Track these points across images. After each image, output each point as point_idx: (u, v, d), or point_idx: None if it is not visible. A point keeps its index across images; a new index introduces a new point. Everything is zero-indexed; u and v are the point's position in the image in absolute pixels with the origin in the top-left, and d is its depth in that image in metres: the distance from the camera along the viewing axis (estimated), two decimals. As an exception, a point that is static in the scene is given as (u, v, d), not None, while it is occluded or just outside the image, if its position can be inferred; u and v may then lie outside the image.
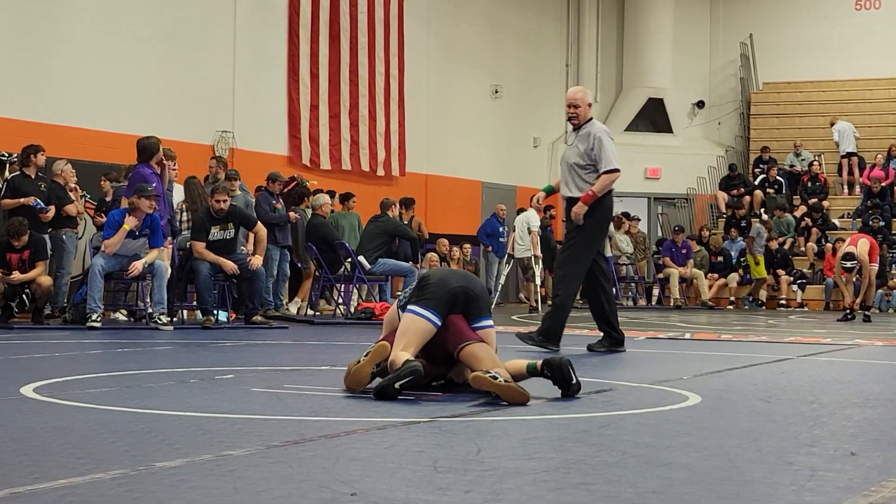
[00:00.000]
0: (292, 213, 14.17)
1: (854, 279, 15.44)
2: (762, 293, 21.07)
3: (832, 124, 24.10)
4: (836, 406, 5.18)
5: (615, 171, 8.39)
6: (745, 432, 4.24)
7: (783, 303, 20.94)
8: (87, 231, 13.47)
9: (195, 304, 11.84)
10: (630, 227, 21.41)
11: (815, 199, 23.07)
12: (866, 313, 15.27)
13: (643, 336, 10.75)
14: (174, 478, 3.11)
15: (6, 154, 12.51)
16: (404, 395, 4.99)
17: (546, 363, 5.17)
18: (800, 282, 21.12)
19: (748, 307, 20.78)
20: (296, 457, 3.52)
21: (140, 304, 11.78)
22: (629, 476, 3.26)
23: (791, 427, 4.43)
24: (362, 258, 13.48)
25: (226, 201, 11.52)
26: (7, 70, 13.60)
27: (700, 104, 26.01)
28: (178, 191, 12.92)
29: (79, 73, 14.40)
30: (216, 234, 11.51)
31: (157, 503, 2.80)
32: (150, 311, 11.10)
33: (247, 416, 4.45)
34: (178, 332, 10.58)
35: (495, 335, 5.53)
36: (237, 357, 7.94)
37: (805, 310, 20.23)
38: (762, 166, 24.37)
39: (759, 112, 25.95)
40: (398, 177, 19.74)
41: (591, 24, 25.59)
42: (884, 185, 22.74)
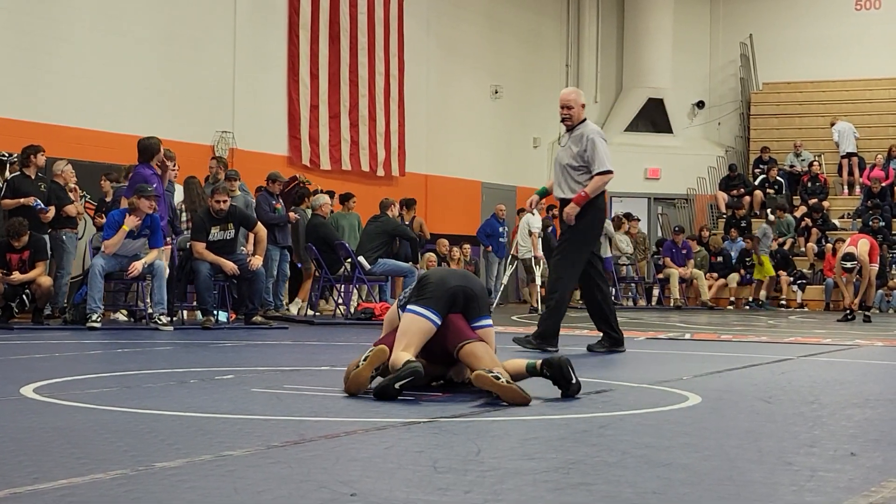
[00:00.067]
0: (292, 214, 14.18)
1: (854, 279, 15.44)
2: (762, 293, 21.06)
3: (832, 124, 24.08)
4: (836, 406, 5.17)
5: (608, 173, 8.38)
6: (745, 433, 4.24)
7: (783, 303, 20.94)
8: (87, 231, 13.47)
9: (195, 304, 11.85)
10: (630, 228, 21.41)
11: (815, 200, 23.06)
12: (866, 314, 15.27)
13: (643, 336, 10.75)
14: (174, 478, 3.11)
15: (6, 154, 12.51)
16: (404, 396, 4.99)
17: (546, 363, 5.17)
18: (800, 282, 21.12)
19: (761, 307, 20.69)
20: (296, 457, 3.52)
21: (140, 305, 11.78)
22: (629, 476, 3.26)
23: (791, 427, 4.43)
24: (362, 258, 13.47)
25: (226, 202, 11.52)
26: (7, 70, 13.59)
27: (700, 104, 26.00)
28: (179, 191, 12.93)
29: (79, 73, 14.39)
30: (216, 234, 11.51)
31: (157, 503, 2.80)
32: (150, 311, 11.10)
33: (247, 417, 4.45)
34: (178, 332, 10.58)
35: (494, 334, 5.54)
36: (237, 357, 7.94)
37: (805, 310, 20.22)
38: (762, 166, 24.36)
39: (759, 112, 25.95)
40: (398, 177, 19.73)
41: (591, 25, 25.59)
42: (884, 185, 22.73)
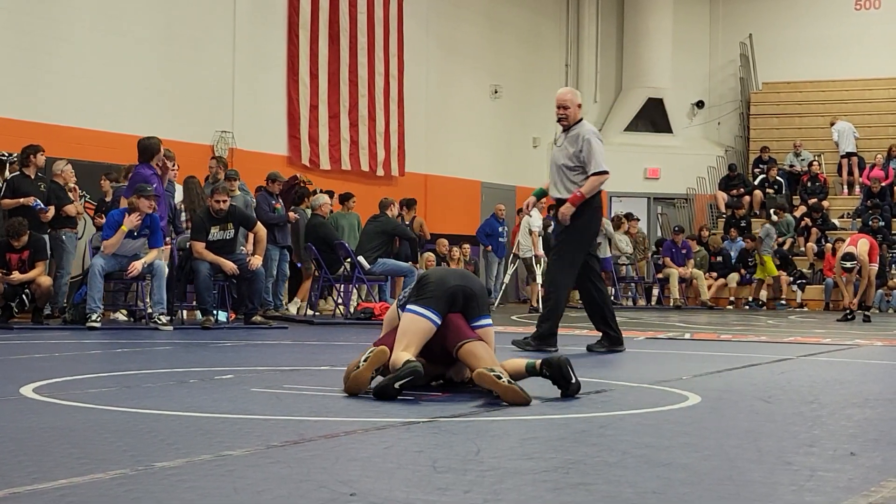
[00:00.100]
0: (292, 214, 14.18)
1: (854, 279, 15.44)
2: (762, 293, 21.07)
3: (832, 124, 24.08)
4: (835, 406, 5.18)
5: (604, 174, 8.38)
6: (745, 432, 4.24)
7: (783, 303, 20.94)
8: (87, 231, 13.47)
9: (195, 304, 11.85)
10: (630, 228, 21.41)
11: (815, 200, 23.06)
12: (866, 313, 15.27)
13: (643, 336, 10.74)
14: (174, 478, 3.11)
15: (6, 154, 12.51)
16: (404, 395, 4.99)
17: (545, 362, 5.17)
18: (799, 282, 21.12)
19: (761, 307, 20.65)
20: (295, 457, 3.51)
21: (140, 305, 11.78)
22: (629, 476, 3.26)
23: (791, 427, 4.43)
24: (361, 258, 13.47)
25: (225, 201, 11.51)
26: (7, 70, 13.59)
27: (700, 104, 26.00)
28: (179, 191, 12.93)
29: (79, 73, 14.39)
30: (216, 234, 11.51)
31: (157, 503, 2.80)
32: (149, 311, 11.10)
33: (246, 417, 4.45)
34: (178, 332, 10.58)
35: (494, 334, 5.54)
36: (237, 357, 7.94)
37: (805, 310, 20.23)
38: (762, 166, 24.36)
39: (759, 112, 25.95)
40: (397, 177, 19.73)
41: (590, 24, 25.59)
42: (883, 185, 22.74)
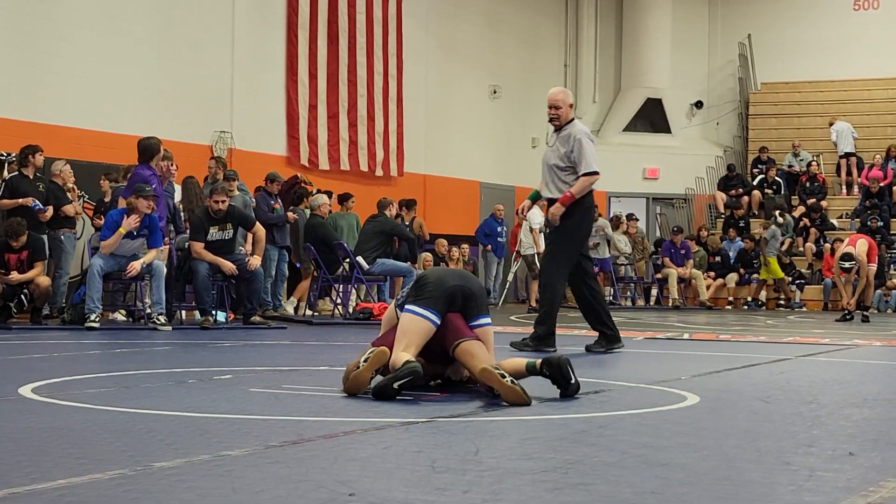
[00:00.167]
0: (290, 214, 14.17)
1: (853, 279, 15.44)
2: (762, 293, 21.07)
3: (831, 124, 24.09)
4: (834, 406, 5.18)
5: (594, 174, 8.37)
6: (744, 432, 4.24)
7: (781, 303, 20.95)
8: (86, 231, 13.46)
9: (194, 304, 11.84)
10: (629, 228, 21.41)
11: (814, 200, 23.08)
12: (864, 314, 15.28)
13: (641, 336, 10.74)
14: (172, 478, 3.11)
15: (4, 154, 12.51)
16: (403, 395, 4.99)
17: (545, 362, 5.17)
18: (798, 282, 21.12)
19: (760, 307, 20.66)
20: (294, 457, 3.51)
21: (138, 305, 11.78)
22: (628, 476, 3.26)
23: (789, 427, 4.43)
24: (360, 258, 13.47)
25: (224, 202, 11.51)
26: (6, 70, 13.59)
27: (698, 104, 26.01)
28: (178, 191, 12.93)
29: (78, 73, 14.39)
30: (215, 234, 11.50)
31: (156, 503, 2.80)
32: (148, 311, 11.09)
33: (245, 417, 4.44)
34: (177, 332, 10.57)
35: (493, 334, 5.54)
36: (235, 357, 7.94)
37: (804, 310, 20.23)
38: (760, 166, 24.37)
39: (758, 112, 25.95)
40: (396, 177, 19.73)
41: (589, 25, 25.59)
42: (882, 185, 22.75)
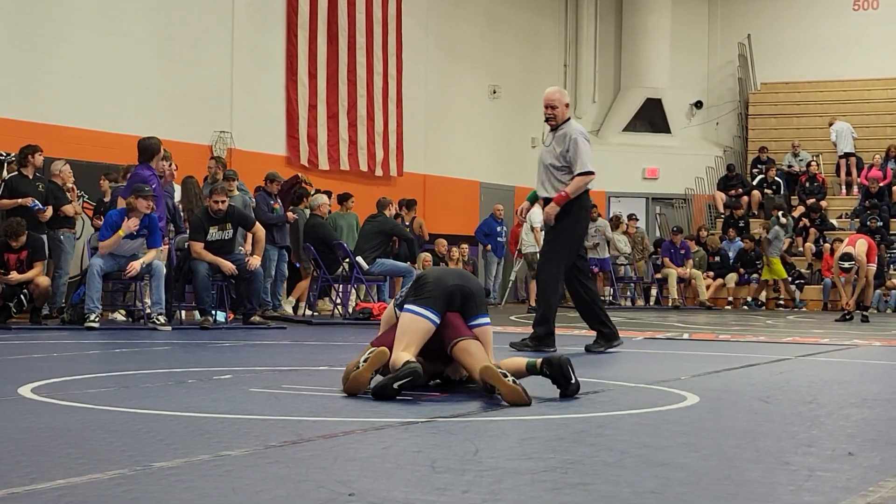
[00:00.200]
0: (290, 214, 14.17)
1: (852, 279, 15.44)
2: (762, 293, 21.07)
3: (830, 124, 24.10)
4: (834, 406, 5.18)
5: (589, 174, 8.38)
6: (744, 432, 4.24)
7: (781, 303, 20.95)
8: (86, 231, 13.46)
9: (193, 304, 11.84)
10: (628, 228, 21.42)
11: (813, 200, 23.08)
12: (864, 314, 15.28)
13: (641, 336, 10.74)
14: (172, 478, 3.11)
15: (4, 154, 12.51)
16: (402, 395, 4.99)
17: (546, 361, 5.17)
18: (798, 282, 21.12)
19: (758, 306, 20.64)
20: (294, 457, 3.51)
21: (138, 305, 11.78)
22: (627, 476, 3.26)
23: (789, 427, 4.43)
24: (360, 258, 13.47)
25: (224, 202, 11.51)
26: (6, 70, 13.59)
27: (698, 104, 26.01)
28: (178, 191, 12.93)
29: (78, 73, 14.39)
30: (214, 234, 11.50)
31: (155, 503, 2.80)
32: (148, 311, 11.09)
33: (245, 417, 4.44)
34: (177, 332, 10.57)
35: (492, 333, 5.54)
36: (235, 357, 7.94)
37: (804, 310, 20.23)
38: (760, 166, 24.38)
39: (757, 112, 25.96)
40: (396, 177, 19.73)
41: (589, 24, 25.59)
42: (881, 185, 22.75)
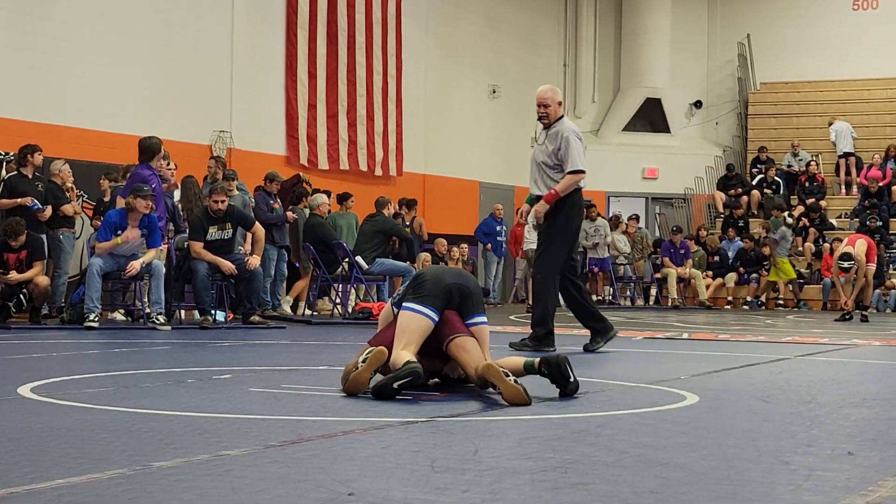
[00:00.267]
0: (290, 213, 14.17)
1: (852, 279, 15.44)
2: (763, 294, 21.08)
3: (830, 124, 24.10)
4: (833, 406, 5.18)
5: (580, 172, 8.37)
6: (743, 432, 4.24)
7: (781, 303, 20.95)
8: (85, 231, 13.46)
9: (193, 304, 11.84)
10: (628, 228, 21.42)
11: (813, 200, 23.07)
12: (864, 313, 15.27)
13: (641, 336, 10.74)
14: (171, 478, 3.11)
15: (3, 153, 12.51)
16: (402, 395, 4.99)
17: (544, 361, 5.18)
18: (798, 282, 21.12)
19: (799, 307, 20.58)
20: (293, 457, 3.51)
21: (138, 304, 11.78)
22: (627, 476, 3.25)
23: (789, 427, 4.43)
24: (360, 258, 13.46)
25: (224, 201, 11.51)
26: (6, 70, 13.58)
27: (698, 104, 26.01)
28: (177, 191, 12.94)
29: (77, 73, 14.39)
30: (214, 234, 11.50)
31: (155, 503, 2.80)
32: (147, 310, 11.09)
33: (244, 416, 4.44)
34: (176, 332, 10.58)
35: (488, 332, 5.54)
36: (235, 357, 7.94)
37: (804, 310, 20.22)
38: (760, 166, 24.38)
39: (757, 112, 25.96)
40: (396, 177, 19.73)
41: (588, 24, 25.59)
42: (881, 184, 22.75)
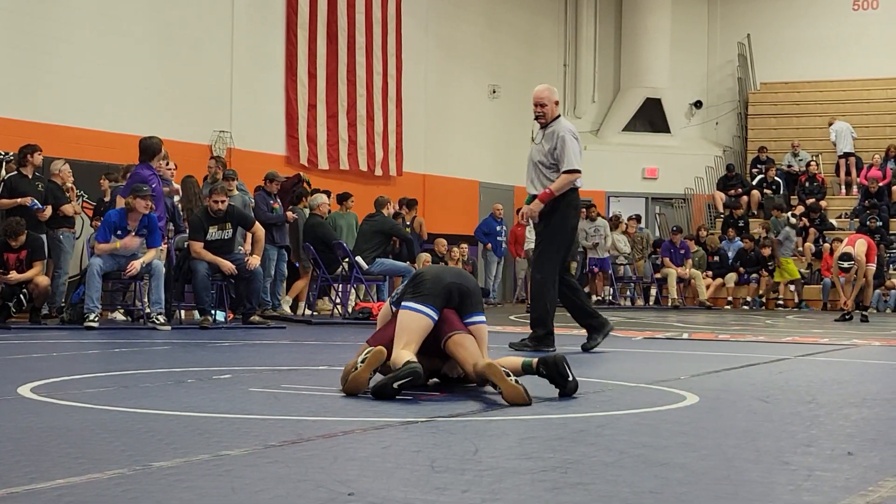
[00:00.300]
0: (290, 213, 14.17)
1: (852, 279, 15.44)
2: (760, 293, 21.09)
3: (830, 124, 24.10)
4: (833, 406, 5.18)
5: (575, 172, 8.37)
6: (743, 432, 4.24)
7: (781, 303, 20.95)
8: (85, 231, 13.46)
9: (193, 304, 11.84)
10: (628, 228, 21.42)
11: (813, 200, 23.08)
12: (864, 313, 15.27)
13: (641, 336, 10.74)
14: (171, 478, 3.11)
15: (3, 153, 12.51)
16: (402, 395, 4.99)
17: (541, 361, 5.18)
18: (798, 282, 21.11)
19: (800, 308, 20.55)
20: (293, 457, 3.51)
21: (138, 304, 11.78)
22: (626, 476, 3.26)
23: (788, 427, 4.43)
24: (360, 258, 13.46)
25: (224, 201, 11.51)
26: (6, 70, 13.59)
27: (698, 104, 26.00)
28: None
29: (77, 73, 14.39)
30: (214, 234, 11.51)
31: (155, 503, 2.80)
32: (147, 310, 11.10)
33: (244, 416, 4.44)
34: (176, 332, 10.58)
35: (487, 332, 5.54)
36: (235, 357, 7.94)
37: (803, 310, 20.22)
38: (760, 166, 24.38)
39: (757, 112, 25.95)
40: (395, 177, 19.73)
41: (588, 24, 25.59)
42: (881, 185, 22.75)
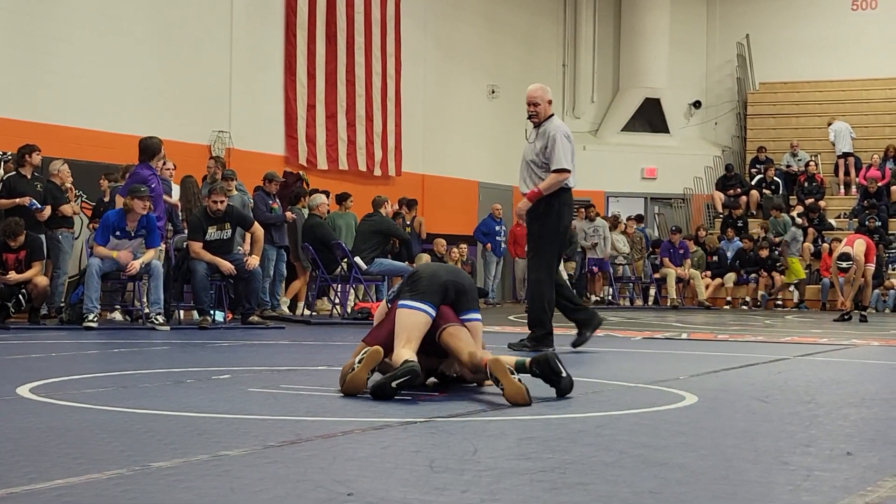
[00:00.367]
0: (289, 213, 14.17)
1: (851, 279, 15.44)
2: (759, 293, 21.08)
3: (829, 124, 24.10)
4: (832, 406, 5.18)
5: (564, 171, 8.38)
6: (742, 432, 4.24)
7: (780, 303, 20.95)
8: (84, 231, 13.46)
9: (192, 304, 11.84)
10: (627, 228, 21.42)
11: (812, 200, 23.07)
12: (863, 313, 15.28)
13: (640, 336, 10.75)
14: (170, 478, 3.11)
15: (1, 153, 12.50)
16: (401, 395, 4.99)
17: (534, 360, 5.18)
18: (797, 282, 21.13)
19: (800, 308, 20.52)
20: (292, 457, 3.51)
21: (137, 304, 11.77)
22: (626, 476, 3.26)
23: (787, 427, 4.44)
24: (358, 259, 13.46)
25: (223, 202, 11.50)
26: (5, 70, 13.58)
27: (697, 104, 26.01)
28: (177, 190, 12.93)
29: (77, 73, 14.39)
30: (213, 234, 11.50)
31: (154, 503, 2.80)
32: (146, 311, 11.09)
33: (243, 417, 4.44)
34: (175, 332, 10.57)
35: (482, 330, 5.56)
36: (234, 357, 7.94)
37: (803, 310, 20.23)
38: (759, 166, 24.38)
39: (756, 112, 25.96)
40: (394, 177, 19.73)
41: (587, 24, 25.59)
42: (880, 185, 22.75)
